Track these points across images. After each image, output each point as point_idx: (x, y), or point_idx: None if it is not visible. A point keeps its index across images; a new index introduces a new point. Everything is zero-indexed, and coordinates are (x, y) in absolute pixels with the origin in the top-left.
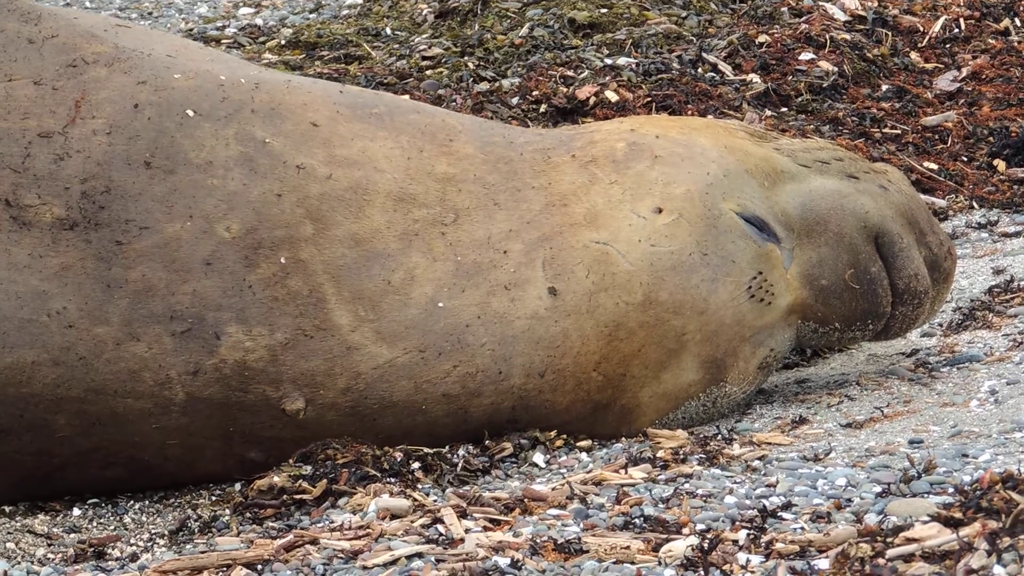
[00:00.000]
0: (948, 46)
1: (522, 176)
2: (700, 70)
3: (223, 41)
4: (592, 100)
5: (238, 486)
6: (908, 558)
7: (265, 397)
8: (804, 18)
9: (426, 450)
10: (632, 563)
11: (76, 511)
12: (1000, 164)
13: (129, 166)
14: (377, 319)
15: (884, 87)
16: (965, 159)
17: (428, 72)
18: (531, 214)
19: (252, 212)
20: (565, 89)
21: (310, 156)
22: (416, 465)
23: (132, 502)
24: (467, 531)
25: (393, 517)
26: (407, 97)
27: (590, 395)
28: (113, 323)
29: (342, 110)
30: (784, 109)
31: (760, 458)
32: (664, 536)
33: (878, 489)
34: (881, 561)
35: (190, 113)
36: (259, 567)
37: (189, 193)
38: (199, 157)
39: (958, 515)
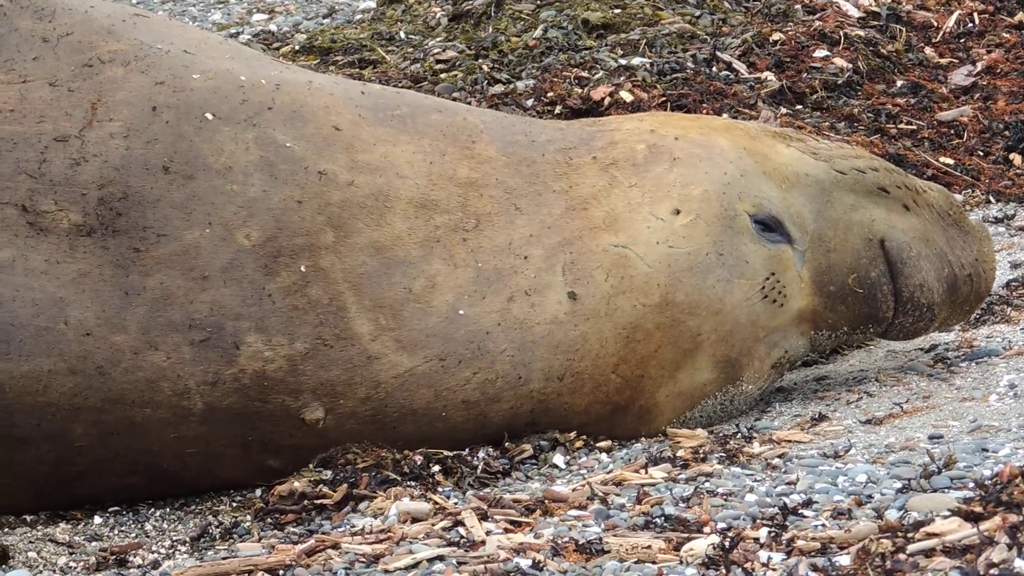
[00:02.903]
0: (962, 41)
1: (544, 179)
2: (714, 69)
3: None
4: (607, 100)
5: (259, 492)
6: (929, 553)
7: (284, 407)
8: (818, 15)
9: (446, 453)
10: (653, 563)
11: (97, 519)
12: (1016, 158)
13: (147, 171)
14: (398, 328)
15: (899, 83)
16: (981, 153)
17: (442, 75)
18: (552, 218)
19: (272, 219)
20: (580, 90)
21: (332, 162)
22: (436, 468)
23: (153, 509)
24: (488, 533)
25: (414, 520)
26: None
27: (608, 397)
28: (131, 331)
29: (364, 113)
30: (799, 107)
31: (780, 456)
32: (685, 535)
33: (898, 485)
34: (902, 556)
35: (209, 116)
36: (281, 572)
37: (208, 199)
38: (218, 162)
39: (978, 509)
